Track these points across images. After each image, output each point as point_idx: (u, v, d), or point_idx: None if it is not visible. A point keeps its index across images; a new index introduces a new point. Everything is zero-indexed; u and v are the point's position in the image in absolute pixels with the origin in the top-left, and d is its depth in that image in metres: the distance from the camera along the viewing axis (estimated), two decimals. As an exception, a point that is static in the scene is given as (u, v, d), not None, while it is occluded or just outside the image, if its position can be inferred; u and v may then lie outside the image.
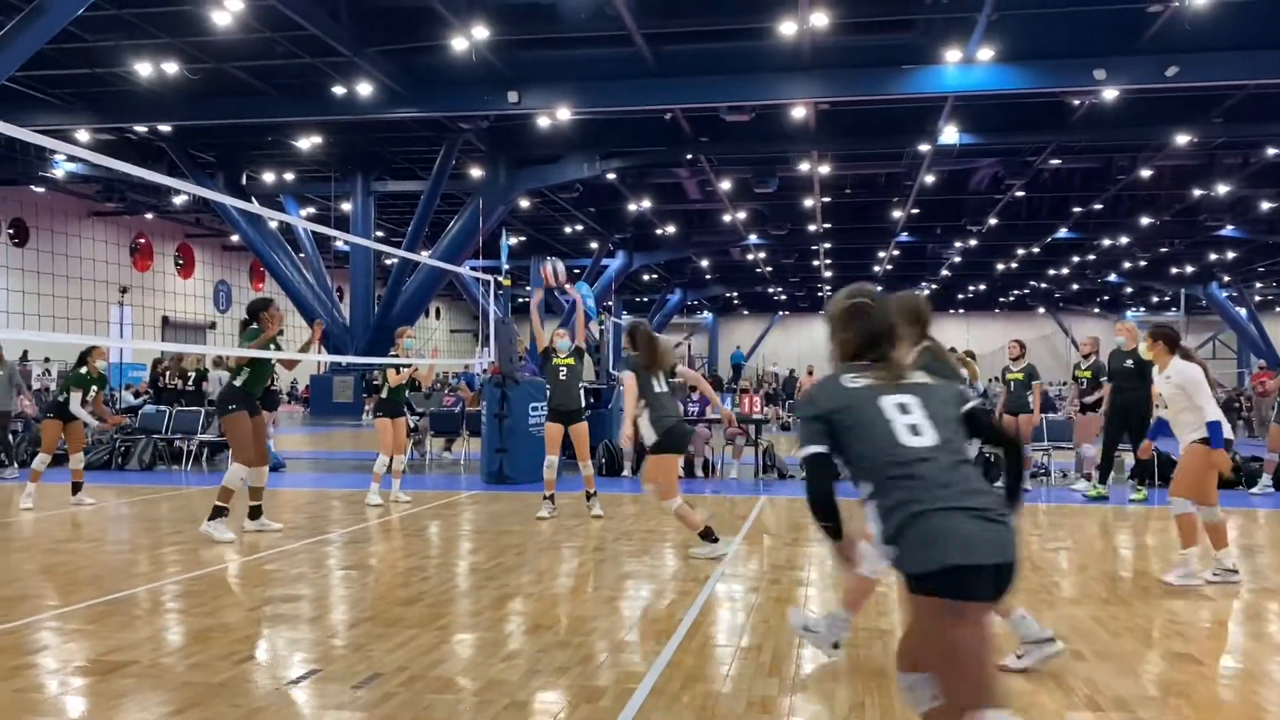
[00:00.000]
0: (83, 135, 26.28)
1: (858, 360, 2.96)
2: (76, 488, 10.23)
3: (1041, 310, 61.96)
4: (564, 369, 9.23)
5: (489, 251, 30.10)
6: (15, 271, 33.01)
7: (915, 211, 34.22)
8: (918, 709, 2.80)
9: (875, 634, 5.27)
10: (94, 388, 10.51)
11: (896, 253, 43.58)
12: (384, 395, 9.99)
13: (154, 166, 30.69)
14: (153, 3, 19.02)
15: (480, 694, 4.18)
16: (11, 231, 33.61)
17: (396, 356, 10.13)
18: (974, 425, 2.93)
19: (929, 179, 29.08)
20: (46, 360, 29.99)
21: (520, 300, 52.52)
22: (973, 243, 38.90)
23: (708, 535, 7.34)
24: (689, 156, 27.83)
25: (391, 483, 10.14)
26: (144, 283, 38.48)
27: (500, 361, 11.29)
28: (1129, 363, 10.51)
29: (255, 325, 8.35)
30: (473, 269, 37.29)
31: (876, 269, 48.41)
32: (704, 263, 49.08)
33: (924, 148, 25.28)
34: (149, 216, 36.75)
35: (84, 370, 10.40)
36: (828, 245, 41.64)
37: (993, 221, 34.68)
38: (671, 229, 39.90)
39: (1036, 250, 41.79)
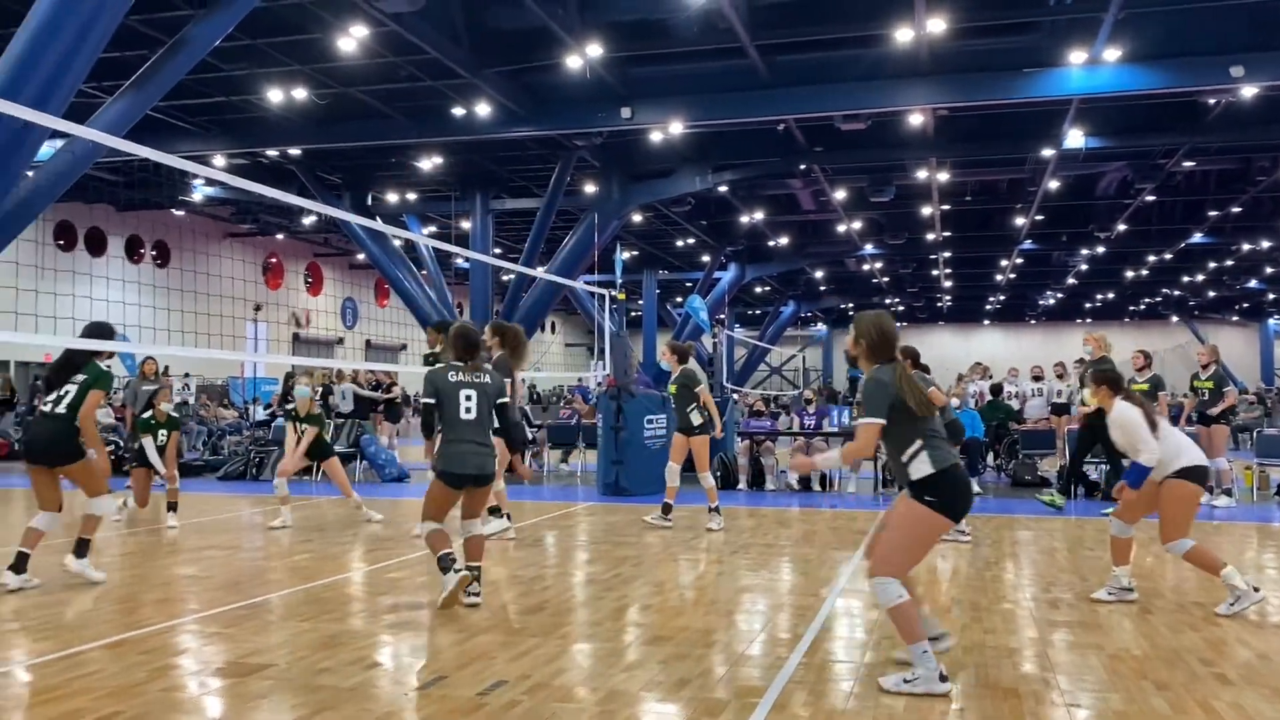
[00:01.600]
0: (219, 160, 27.58)
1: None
2: (172, 507, 10.00)
3: (1175, 319, 59.28)
4: (670, 395, 9.38)
5: (603, 266, 30.46)
6: (160, 290, 34.87)
7: (1039, 218, 33.18)
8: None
9: (1004, 652, 5.10)
10: (162, 432, 10.12)
11: (1020, 261, 42.33)
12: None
13: (284, 189, 32.06)
14: (283, 31, 19.85)
15: (602, 704, 4.20)
16: (155, 253, 35.55)
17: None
18: None
19: (1053, 184, 28.16)
20: (186, 375, 31.48)
21: (633, 314, 52.93)
22: (1100, 250, 37.49)
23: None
24: (803, 167, 27.61)
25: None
26: (276, 300, 40.14)
27: (615, 374, 11.37)
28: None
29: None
30: (587, 284, 37.80)
31: (999, 278, 47.12)
32: (818, 274, 48.57)
33: (1048, 152, 24.51)
34: (280, 237, 38.34)
35: (148, 415, 10.23)
36: (947, 254, 40.73)
37: (1122, 227, 33.36)
38: (784, 240, 39.63)
39: (1169, 256, 40.02)
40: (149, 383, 13.32)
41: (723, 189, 29.81)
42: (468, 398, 6.09)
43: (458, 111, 23.52)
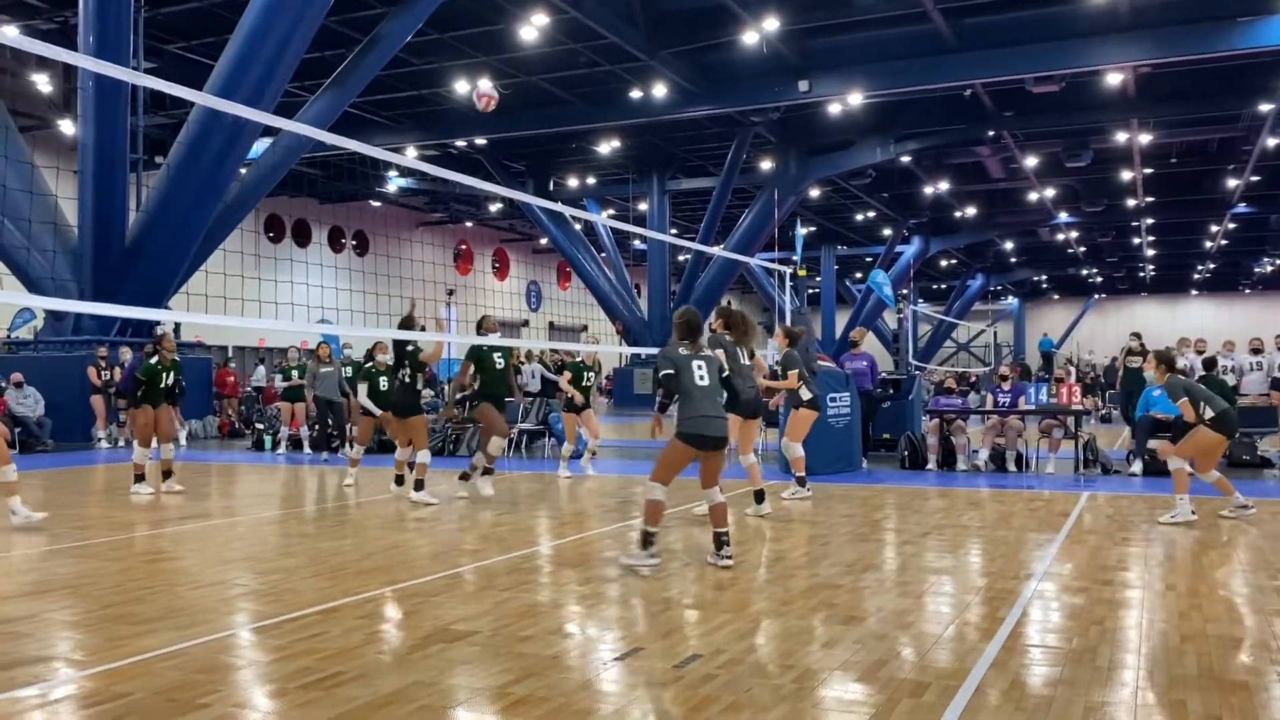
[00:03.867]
0: (411, 152, 28.84)
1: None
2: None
3: None
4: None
5: (781, 243, 30.14)
6: (358, 275, 36.87)
7: (1255, 179, 30.71)
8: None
9: (1228, 642, 4.77)
10: (383, 379, 11.20)
11: (1232, 226, 39.30)
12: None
13: (473, 177, 33.29)
14: (468, 24, 20.55)
15: (798, 681, 4.19)
16: (354, 242, 37.62)
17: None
18: None
19: (1270, 143, 25.96)
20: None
21: (811, 291, 52.15)
22: (1327, 210, 34.38)
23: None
24: (991, 133, 26.50)
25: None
26: (465, 284, 41.76)
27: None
28: None
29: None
30: (764, 260, 37.51)
31: (1208, 244, 43.91)
32: (1008, 245, 46.54)
33: (1265, 108, 22.62)
34: (469, 224, 39.82)
35: (370, 365, 11.45)
36: (1150, 220, 38.26)
37: (1352, 185, 30.49)
38: (971, 211, 38.17)
39: None
40: (325, 365, 14.12)
41: (905, 159, 28.97)
42: (699, 367, 6.67)
43: (635, 94, 23.76)
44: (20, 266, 17.77)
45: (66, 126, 22.80)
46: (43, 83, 22.30)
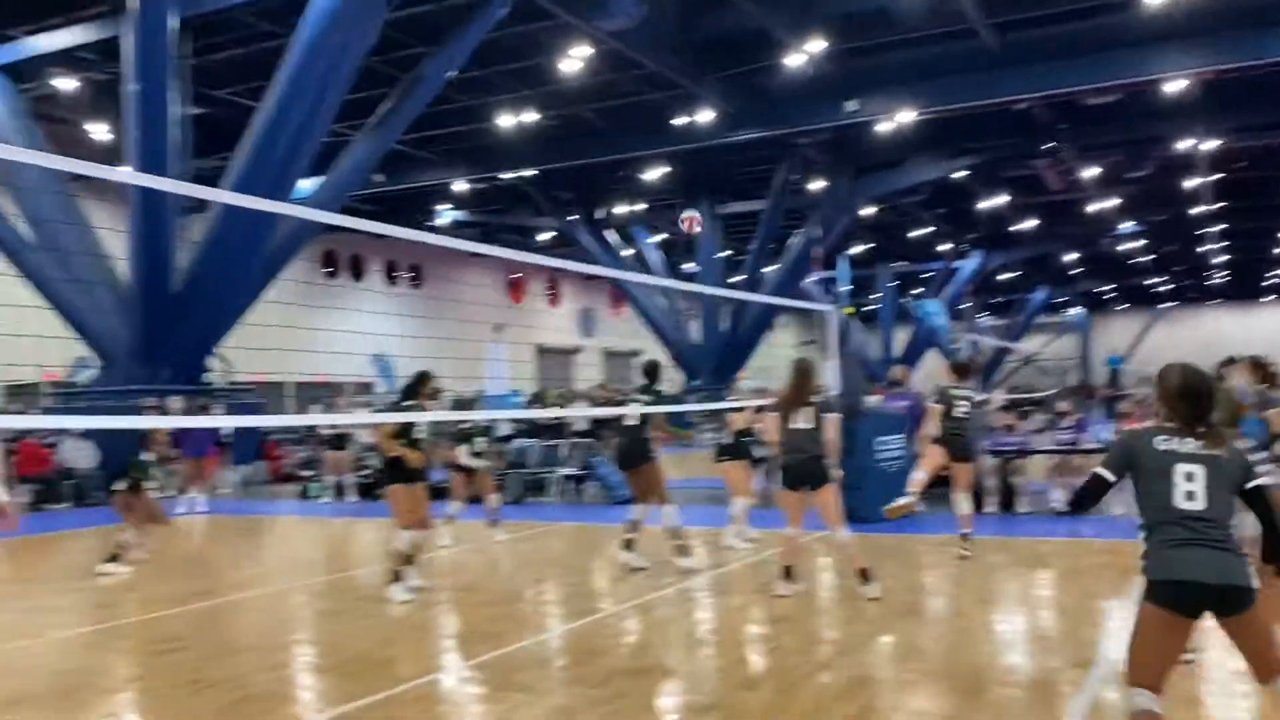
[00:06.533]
0: (460, 186, 29.01)
1: None
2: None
3: None
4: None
5: (832, 263, 29.71)
6: (415, 310, 37.21)
7: (1331, 181, 29.55)
8: None
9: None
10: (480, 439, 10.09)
11: (1308, 229, 37.90)
12: (725, 440, 9.68)
13: (521, 208, 33.37)
14: (511, 59, 20.57)
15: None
16: (411, 274, 37.98)
17: (735, 400, 10.01)
18: None
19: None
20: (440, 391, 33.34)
21: (869, 308, 51.41)
22: None
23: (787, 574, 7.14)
24: (1046, 146, 25.84)
25: (731, 523, 9.81)
26: (519, 314, 41.89)
27: (845, 393, 10.86)
28: None
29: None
30: (815, 281, 37.06)
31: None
32: (1069, 257, 45.42)
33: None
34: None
35: (467, 425, 10.06)
36: (1220, 227, 37.05)
37: None
38: (1031, 223, 37.31)
39: None
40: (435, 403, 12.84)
41: (960, 175, 28.38)
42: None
43: (679, 120, 23.57)
44: (74, 317, 18.06)
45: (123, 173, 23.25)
46: (100, 132, 22.79)
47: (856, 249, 40.08)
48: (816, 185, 30.36)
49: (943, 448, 8.44)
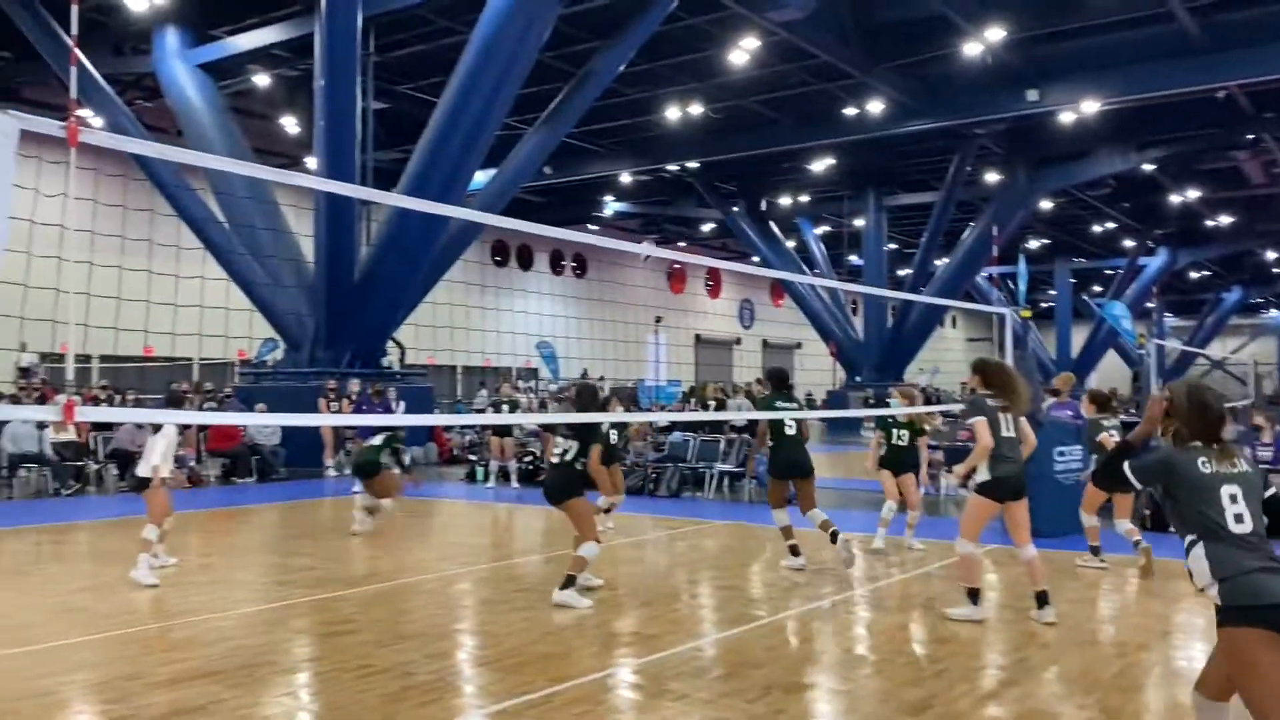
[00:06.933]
0: (625, 178, 29.29)
1: None
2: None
3: None
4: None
5: (1006, 258, 28.51)
6: (579, 300, 37.87)
7: None
8: None
9: None
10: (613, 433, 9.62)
11: None
12: (899, 443, 9.38)
13: (685, 199, 33.43)
14: (679, 52, 20.58)
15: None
16: (575, 265, 38.67)
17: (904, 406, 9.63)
18: None
19: None
20: (601, 378, 33.81)
21: (1044, 305, 49.16)
22: None
23: (974, 597, 6.67)
24: (1250, 136, 24.05)
25: (904, 530, 9.58)
26: (679, 304, 42.02)
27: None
28: None
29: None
30: (989, 277, 35.64)
31: None
32: (1270, 254, 42.22)
33: None
34: (681, 245, 40.05)
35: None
36: None
37: None
38: (1226, 219, 34.90)
39: None
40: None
41: (1149, 167, 26.79)
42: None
43: (849, 111, 23.10)
44: (265, 300, 19.14)
45: (311, 164, 24.52)
46: (291, 125, 24.06)
47: (1032, 244, 38.39)
48: (992, 177, 29.24)
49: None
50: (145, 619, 6.85)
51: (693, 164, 28.34)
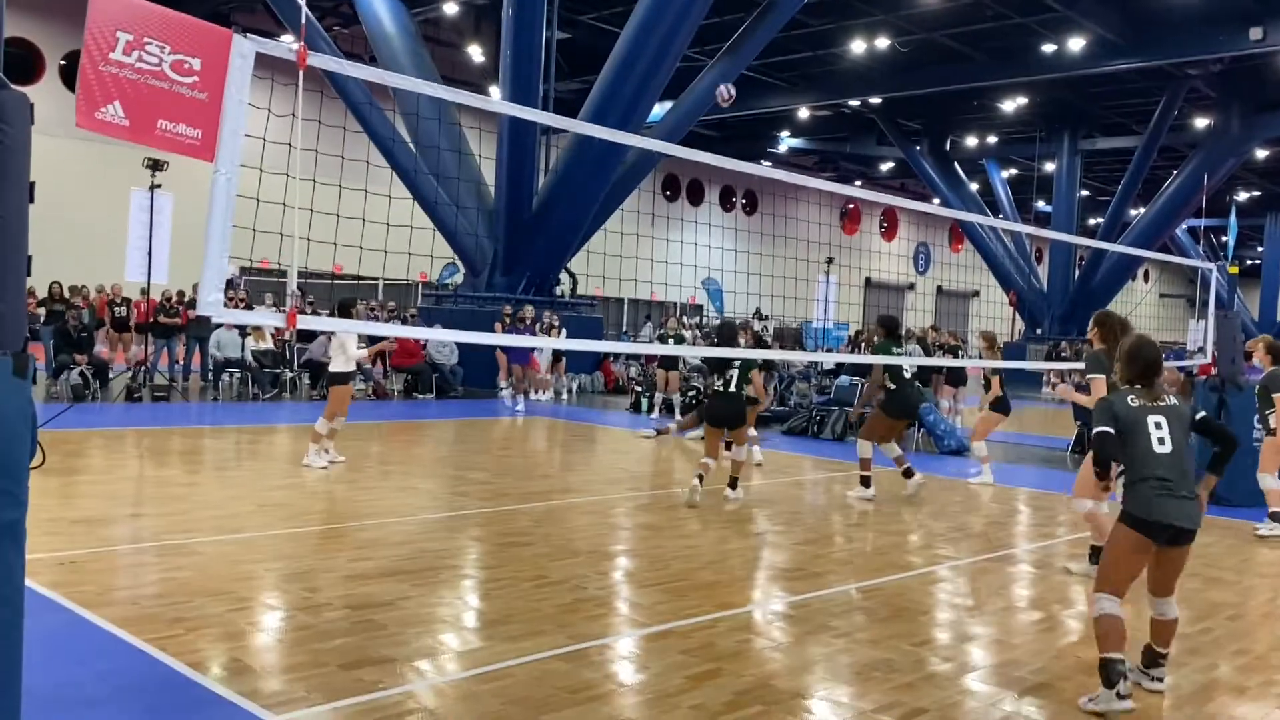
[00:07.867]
0: (803, 113, 28.68)
1: None
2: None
3: None
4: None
5: (1212, 209, 26.59)
6: (746, 234, 37.59)
7: None
8: None
9: None
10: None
11: None
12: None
13: (864, 136, 32.51)
14: (868, -18, 19.87)
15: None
16: (744, 201, 38.34)
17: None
18: None
19: None
20: (765, 318, 33.61)
21: (1251, 262, 45.75)
22: None
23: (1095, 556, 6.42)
24: None
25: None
26: (851, 244, 41.16)
27: (1220, 361, 9.76)
28: None
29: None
30: (1192, 229, 33.35)
31: None
32: None
33: None
34: (858, 184, 39.09)
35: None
36: None
37: None
38: None
39: None
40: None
41: (1386, 116, 24.36)
42: (1158, 425, 4.44)
43: (1047, 48, 21.88)
44: (447, 224, 19.82)
45: (495, 93, 25.06)
46: (477, 54, 24.61)
47: (1241, 196, 35.69)
48: (1201, 122, 27.23)
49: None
50: (338, 518, 7.36)
51: (876, 100, 27.50)
